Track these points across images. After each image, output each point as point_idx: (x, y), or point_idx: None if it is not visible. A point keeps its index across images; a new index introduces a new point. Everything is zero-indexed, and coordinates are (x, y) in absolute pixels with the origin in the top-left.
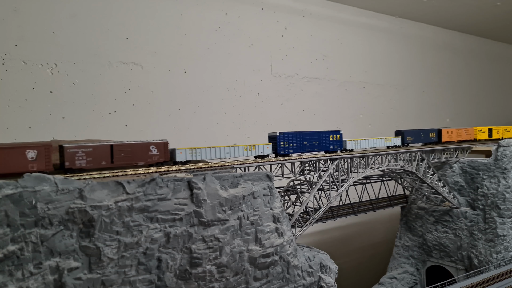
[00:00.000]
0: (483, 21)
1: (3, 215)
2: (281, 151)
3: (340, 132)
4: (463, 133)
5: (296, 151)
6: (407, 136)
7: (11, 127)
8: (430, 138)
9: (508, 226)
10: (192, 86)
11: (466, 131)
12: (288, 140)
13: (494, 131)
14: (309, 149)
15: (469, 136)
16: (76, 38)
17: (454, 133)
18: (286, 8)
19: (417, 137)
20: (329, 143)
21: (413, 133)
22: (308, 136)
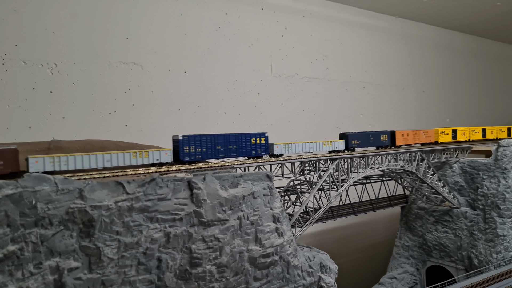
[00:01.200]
0: (483, 21)
1: (3, 215)
2: (185, 158)
3: (265, 134)
4: (421, 135)
5: (206, 158)
6: (352, 139)
7: (11, 127)
8: (382, 141)
9: (508, 226)
10: (192, 86)
11: (425, 133)
12: (195, 145)
13: (459, 133)
14: (225, 155)
15: (429, 139)
16: (76, 38)
17: (411, 136)
18: (286, 8)
19: (365, 141)
20: (251, 148)
21: (360, 136)
22: (222, 139)
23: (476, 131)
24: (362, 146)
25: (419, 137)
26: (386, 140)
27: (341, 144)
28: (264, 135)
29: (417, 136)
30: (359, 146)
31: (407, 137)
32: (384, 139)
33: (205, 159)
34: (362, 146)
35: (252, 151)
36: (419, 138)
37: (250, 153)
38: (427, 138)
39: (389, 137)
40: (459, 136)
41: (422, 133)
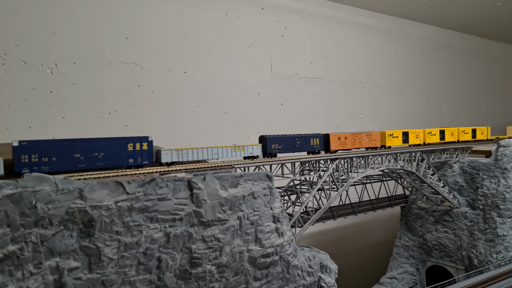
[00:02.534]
0: (483, 21)
1: (3, 215)
2: (22, 169)
3: (148, 138)
4: (364, 139)
5: (58, 169)
6: (273, 143)
7: (11, 127)
8: (312, 145)
9: (508, 226)
10: (192, 86)
11: (369, 136)
12: (40, 153)
13: (412, 136)
14: (86, 165)
15: (373, 143)
16: (76, 38)
17: (350, 140)
18: (286, 8)
19: (289, 145)
20: (128, 155)
21: (283, 139)
22: (84, 145)
23: (433, 133)
24: (286, 151)
25: (361, 140)
26: (318, 144)
27: (257, 149)
28: (147, 140)
29: (357, 140)
30: (282, 151)
31: (345, 141)
32: (315, 143)
33: (57, 171)
34: (285, 151)
35: (129, 160)
36: (360, 142)
37: (125, 162)
38: (371, 142)
39: (321, 141)
40: (411, 140)
41: (364, 136)
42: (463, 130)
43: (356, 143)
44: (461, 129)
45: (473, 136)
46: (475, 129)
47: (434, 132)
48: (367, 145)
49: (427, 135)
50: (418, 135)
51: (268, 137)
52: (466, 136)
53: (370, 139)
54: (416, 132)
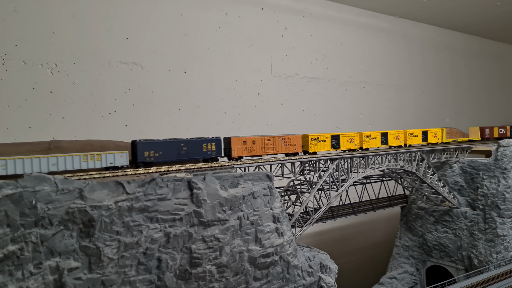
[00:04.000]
0: (483, 21)
1: (3, 215)
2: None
3: None
4: (279, 143)
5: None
6: (146, 150)
7: (11, 127)
8: (205, 152)
9: (508, 226)
10: (192, 86)
11: (286, 140)
12: None
13: (344, 139)
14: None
15: (292, 148)
16: (76, 38)
17: (259, 144)
18: (286, 8)
19: (171, 152)
20: None
21: (161, 145)
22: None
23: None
24: (165, 159)
25: (276, 145)
26: (214, 150)
27: (121, 157)
28: None
29: (270, 145)
30: (160, 159)
31: (253, 146)
32: (209, 148)
33: None
34: (164, 159)
35: None
36: (275, 147)
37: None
38: (289, 147)
39: (219, 146)
40: (343, 144)
41: (280, 140)
42: (411, 133)
43: (268, 149)
44: (409, 132)
45: (424, 139)
46: (426, 131)
47: (374, 135)
48: (284, 151)
49: (364, 138)
50: (353, 138)
51: (139, 142)
52: (415, 139)
53: (288, 144)
54: (350, 135)
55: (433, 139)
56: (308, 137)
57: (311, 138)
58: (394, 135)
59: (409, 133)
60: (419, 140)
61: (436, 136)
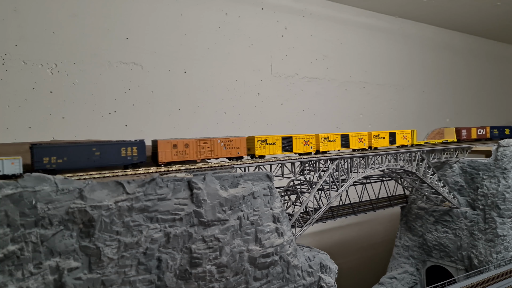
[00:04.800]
0: (483, 21)
1: (3, 215)
2: None
3: None
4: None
5: None
6: (44, 155)
7: (11, 127)
8: (124, 157)
9: (508, 226)
10: (192, 86)
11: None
12: None
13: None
14: None
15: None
16: (76, 38)
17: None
18: (286, 8)
19: (80, 157)
20: None
21: (66, 150)
22: None
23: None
24: (73, 165)
25: (214, 149)
26: (135, 155)
27: (13, 164)
28: None
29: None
30: (65, 166)
31: (185, 149)
32: (130, 153)
33: None
34: (72, 165)
35: None
36: (213, 151)
37: None
38: (231, 151)
39: (141, 150)
40: (296, 147)
41: (220, 143)
42: (376, 135)
43: (205, 153)
44: (374, 133)
45: (392, 141)
46: (395, 133)
47: (333, 137)
48: (224, 155)
49: (322, 141)
50: (307, 140)
51: (36, 147)
52: (381, 141)
53: (229, 147)
54: (304, 137)
55: (402, 141)
56: (254, 140)
57: (257, 141)
58: (356, 137)
59: (375, 135)
60: (386, 142)
61: (406, 138)
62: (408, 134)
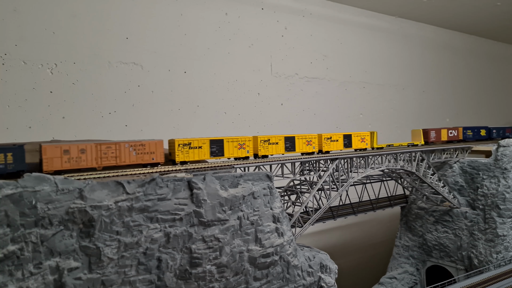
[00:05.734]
0: (483, 21)
1: (3, 215)
2: None
3: None
4: (127, 152)
5: None
6: None
7: (11, 127)
8: None
9: (508, 226)
10: (192, 86)
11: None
12: None
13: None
14: None
15: (147, 158)
16: (76, 38)
17: (91, 154)
18: (286, 8)
19: None
20: None
21: None
22: None
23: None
24: None
25: (122, 154)
26: (10, 162)
27: None
28: None
29: (111, 154)
30: None
31: (80, 156)
32: (2, 161)
33: None
34: None
35: None
36: (119, 157)
37: None
38: (143, 157)
39: (18, 157)
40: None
41: (128, 147)
42: (328, 137)
43: (107, 159)
44: (325, 136)
45: (347, 144)
46: (350, 135)
47: (275, 140)
48: (134, 161)
49: (261, 144)
50: (243, 143)
51: None
52: (334, 145)
53: (142, 152)
54: (240, 139)
55: (359, 144)
56: (175, 144)
57: (179, 145)
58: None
59: (326, 137)
60: (339, 145)
61: (364, 141)
62: (367, 136)
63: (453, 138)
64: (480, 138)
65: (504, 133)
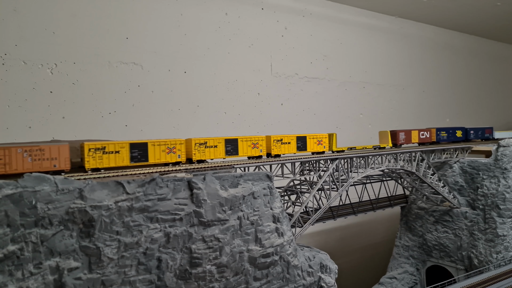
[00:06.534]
0: (483, 21)
1: (3, 215)
2: None
3: None
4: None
5: None
6: None
7: (11, 127)
8: None
9: (508, 226)
10: (192, 86)
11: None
12: None
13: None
14: None
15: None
16: (76, 38)
17: None
18: (286, 8)
19: None
20: None
21: None
22: None
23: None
24: None
25: (12, 161)
26: None
27: None
28: None
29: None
30: None
31: None
32: None
33: None
34: None
35: None
36: (9, 164)
37: None
38: (41, 164)
39: None
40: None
41: (22, 153)
42: (278, 139)
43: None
44: (275, 138)
45: (302, 147)
46: (305, 138)
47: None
48: (30, 169)
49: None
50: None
51: None
52: (285, 148)
53: (40, 159)
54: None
55: (315, 147)
56: (84, 148)
57: (89, 149)
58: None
59: (276, 139)
60: (292, 148)
61: (322, 143)
62: (324, 138)
63: (425, 140)
64: (456, 139)
65: (484, 134)
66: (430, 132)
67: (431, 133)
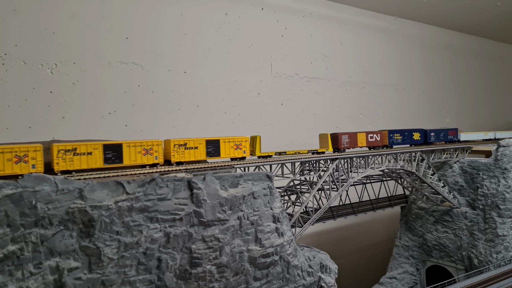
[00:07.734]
0: (483, 21)
1: (3, 215)
2: None
3: None
4: None
5: None
6: None
7: (11, 127)
8: None
9: (508, 226)
10: (192, 86)
11: None
12: None
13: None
14: None
15: None
16: (76, 38)
17: None
18: (286, 8)
19: None
20: None
21: None
22: None
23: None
24: None
25: None
26: None
27: None
28: None
29: None
30: None
31: None
32: None
33: None
34: None
35: None
36: None
37: None
38: None
39: None
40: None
41: None
42: (181, 143)
43: None
44: (175, 142)
45: (213, 153)
46: (218, 141)
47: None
48: None
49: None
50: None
51: None
52: (191, 153)
53: None
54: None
55: (232, 152)
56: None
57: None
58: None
59: (177, 143)
60: (200, 154)
61: (241, 148)
62: (244, 142)
63: (375, 143)
64: (413, 142)
65: (446, 136)
66: (381, 135)
67: (382, 136)
